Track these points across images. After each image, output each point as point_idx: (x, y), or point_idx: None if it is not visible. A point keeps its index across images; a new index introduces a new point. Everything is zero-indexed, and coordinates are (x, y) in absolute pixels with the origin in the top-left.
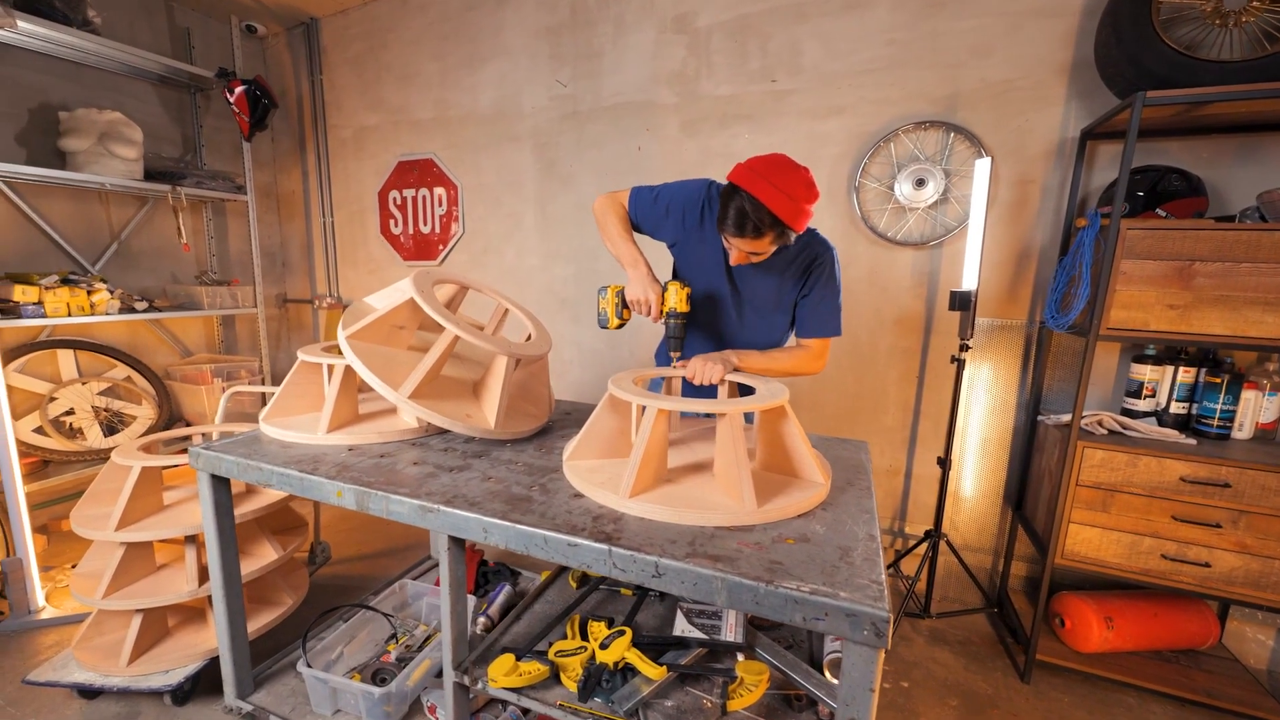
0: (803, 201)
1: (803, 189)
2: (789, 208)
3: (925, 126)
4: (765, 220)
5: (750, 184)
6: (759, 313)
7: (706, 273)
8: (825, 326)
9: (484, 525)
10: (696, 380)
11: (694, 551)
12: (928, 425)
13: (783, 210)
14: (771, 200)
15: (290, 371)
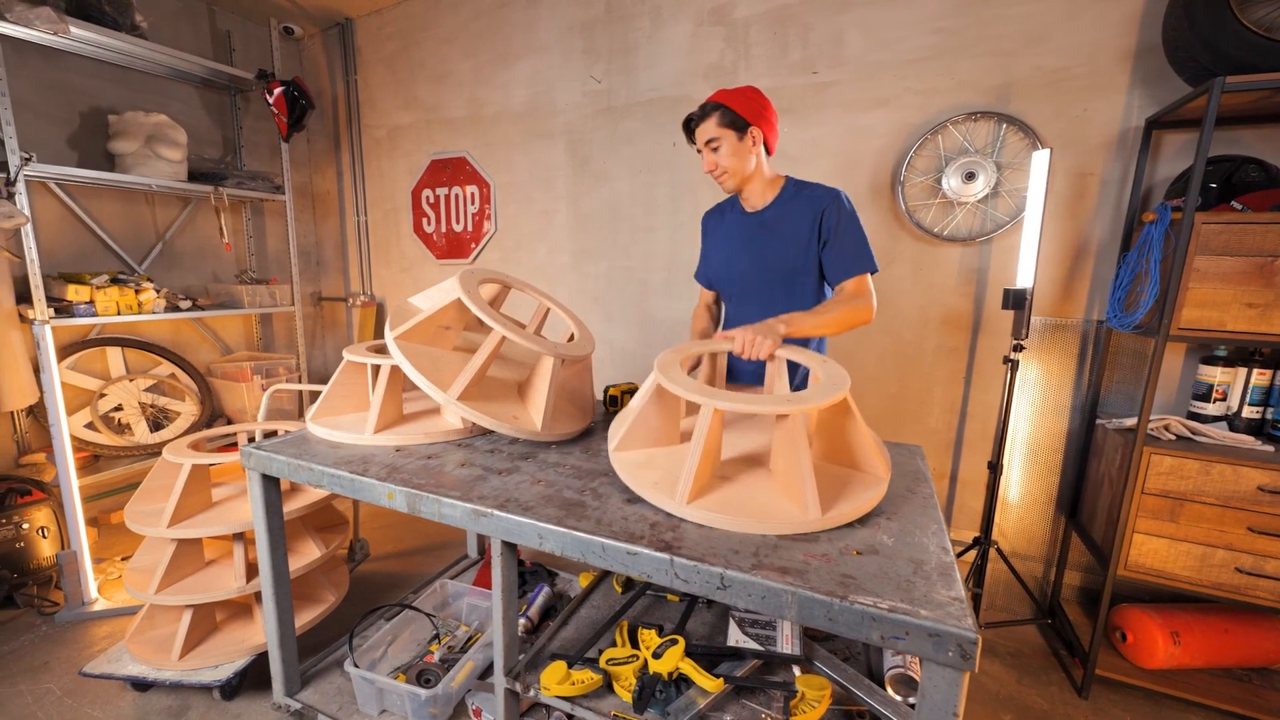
0: (740, 91)
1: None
2: (724, 93)
3: (975, 118)
4: (707, 106)
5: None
6: (786, 283)
7: (729, 253)
8: (858, 263)
9: (539, 531)
10: (746, 355)
11: (759, 563)
12: (974, 428)
13: (719, 96)
14: (716, 94)
15: (336, 371)
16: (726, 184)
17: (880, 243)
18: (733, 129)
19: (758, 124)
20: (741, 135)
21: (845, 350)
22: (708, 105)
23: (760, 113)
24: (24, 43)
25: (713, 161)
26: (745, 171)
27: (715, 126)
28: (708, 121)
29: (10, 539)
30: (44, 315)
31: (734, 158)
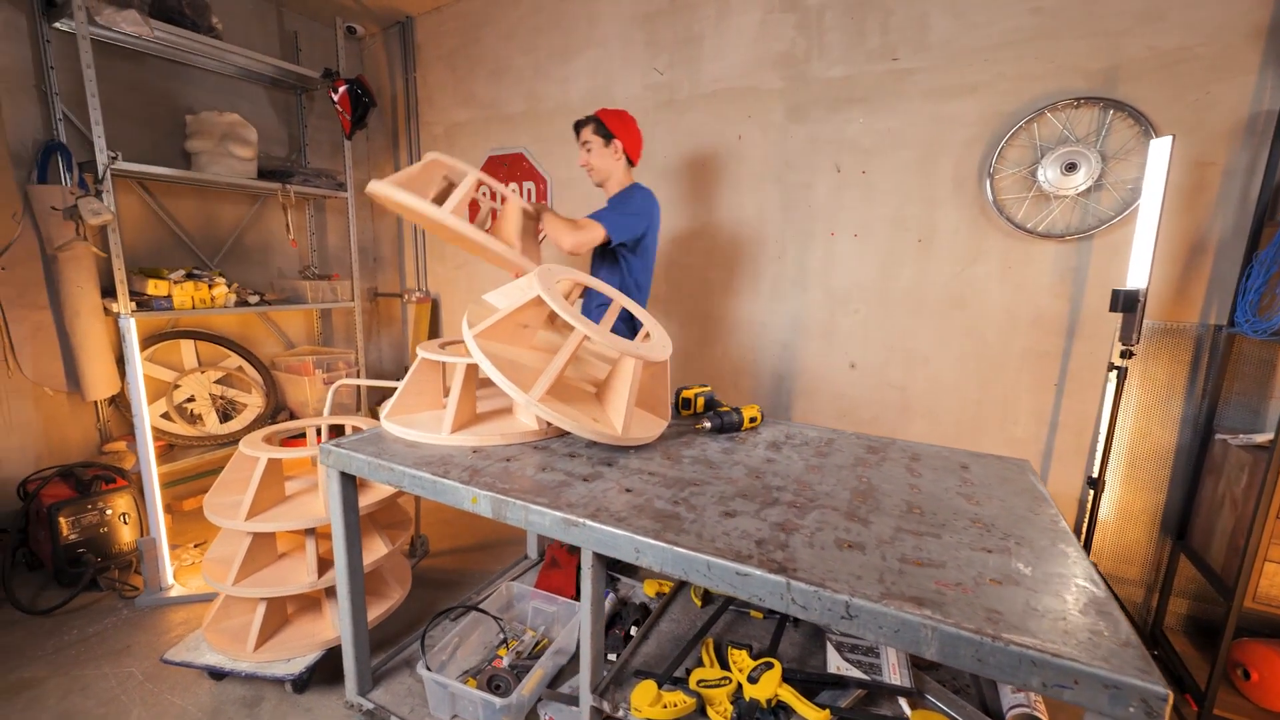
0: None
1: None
2: (603, 111)
3: (1077, 104)
4: (589, 116)
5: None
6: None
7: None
8: (602, 214)
9: (636, 545)
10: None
11: (889, 591)
12: (1066, 438)
13: (599, 113)
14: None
15: (411, 369)
16: (593, 177)
17: (963, 239)
18: (601, 137)
19: (620, 138)
20: (607, 143)
21: (921, 353)
22: (587, 117)
23: (624, 131)
24: (110, 45)
25: (585, 159)
26: (606, 171)
27: (590, 133)
28: (587, 127)
29: (95, 524)
30: (127, 309)
31: (600, 159)
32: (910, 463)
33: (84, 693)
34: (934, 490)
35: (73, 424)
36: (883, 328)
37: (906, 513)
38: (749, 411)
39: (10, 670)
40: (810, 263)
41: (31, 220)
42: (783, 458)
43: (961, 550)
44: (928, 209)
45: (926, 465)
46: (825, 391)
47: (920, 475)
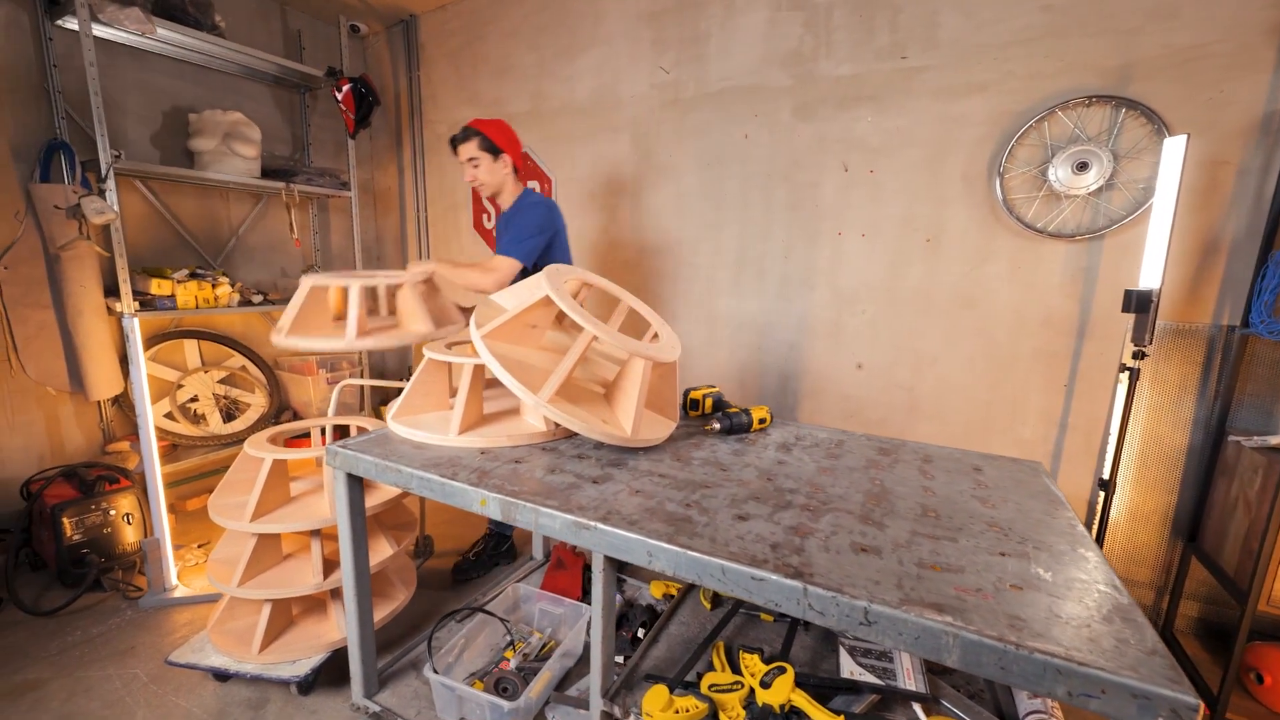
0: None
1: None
2: (481, 122)
3: (1089, 103)
4: (468, 130)
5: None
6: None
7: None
8: (503, 247)
9: (649, 548)
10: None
11: (908, 597)
12: (1076, 440)
13: (476, 124)
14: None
15: (417, 369)
16: (483, 191)
17: (972, 239)
18: (488, 152)
19: (507, 151)
20: (496, 157)
21: (929, 354)
22: (468, 130)
23: (509, 143)
24: (113, 44)
25: (472, 175)
26: (498, 185)
27: (475, 149)
28: (469, 143)
29: (99, 524)
30: (130, 308)
31: (489, 174)
32: (923, 465)
33: (88, 694)
34: (948, 493)
35: (76, 424)
36: (890, 328)
37: (921, 516)
38: (758, 413)
39: (14, 672)
40: (817, 262)
41: (34, 219)
42: (794, 460)
43: (979, 555)
44: (936, 208)
45: (939, 467)
46: (832, 392)
47: (933, 478)
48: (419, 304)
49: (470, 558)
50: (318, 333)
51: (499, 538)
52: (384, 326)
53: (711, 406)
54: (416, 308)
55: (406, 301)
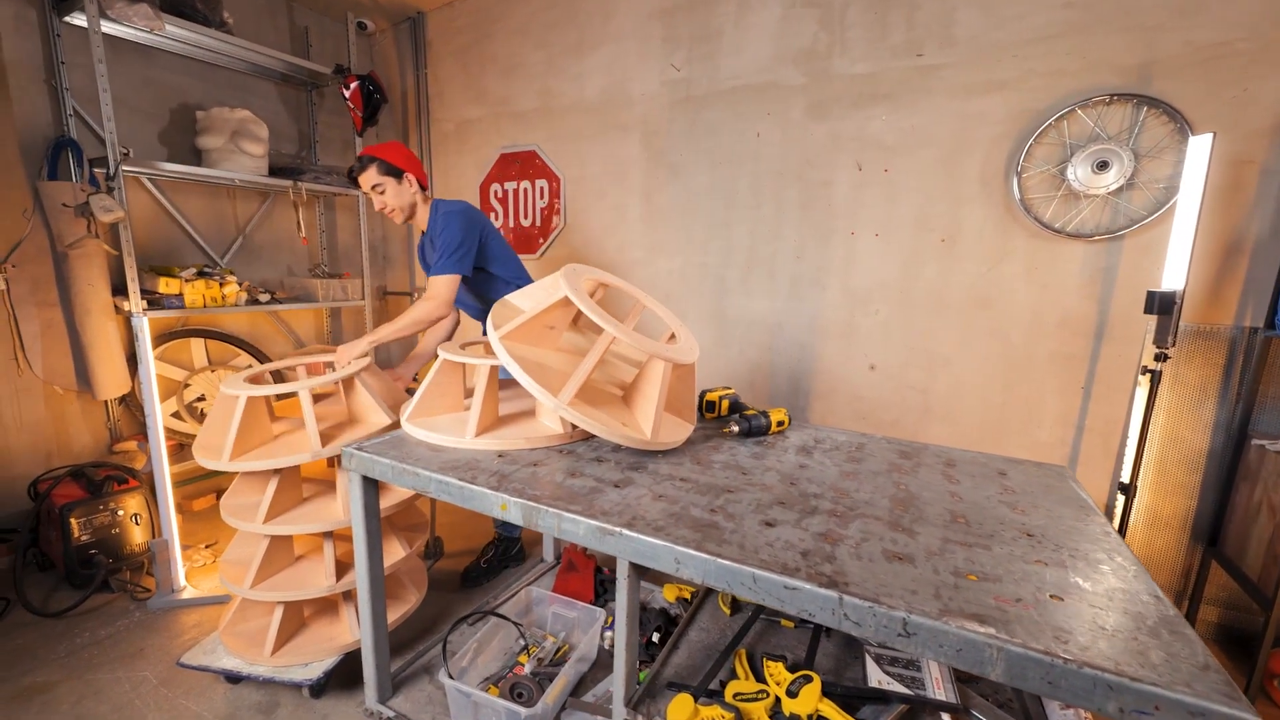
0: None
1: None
2: (375, 148)
3: (1110, 101)
4: (364, 159)
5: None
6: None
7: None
8: (437, 265)
9: (676, 556)
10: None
11: (947, 607)
12: (1093, 442)
13: (372, 150)
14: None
15: (432, 371)
16: (397, 219)
17: (988, 239)
18: (390, 176)
19: (409, 170)
20: (399, 180)
21: (943, 355)
22: (363, 159)
23: (409, 162)
24: (121, 40)
25: (381, 202)
26: (409, 207)
27: (376, 175)
28: (367, 172)
29: (107, 525)
30: (139, 307)
31: (396, 197)
32: (946, 469)
33: (97, 697)
34: (975, 498)
35: (83, 423)
36: (904, 328)
37: (951, 522)
38: (776, 415)
39: (23, 674)
40: (830, 262)
41: (42, 217)
42: (815, 463)
43: (1015, 563)
44: (952, 208)
45: (963, 472)
46: (843, 393)
47: (959, 482)
48: (372, 395)
49: (482, 564)
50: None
51: (508, 541)
52: (338, 426)
53: (728, 408)
54: (370, 400)
55: (360, 397)
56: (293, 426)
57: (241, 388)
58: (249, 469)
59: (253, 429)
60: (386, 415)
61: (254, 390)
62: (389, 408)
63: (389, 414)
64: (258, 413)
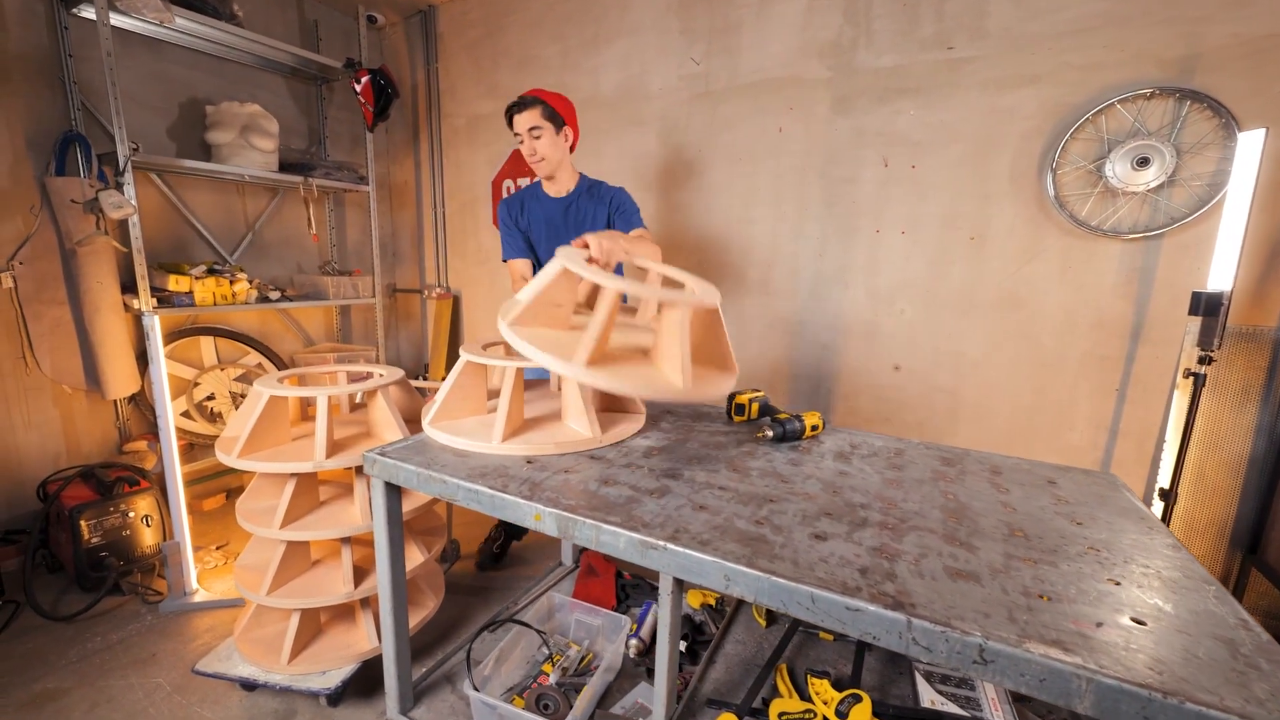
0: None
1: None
2: (544, 92)
3: (1151, 95)
4: (528, 99)
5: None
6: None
7: (545, 240)
8: (637, 222)
9: (726, 572)
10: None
11: (1026, 632)
12: (1127, 446)
13: (539, 93)
14: (534, 91)
15: (454, 372)
16: (542, 169)
17: (1019, 237)
18: (552, 123)
19: (570, 124)
20: (559, 130)
21: (971, 356)
22: (528, 99)
23: (572, 117)
24: (129, 33)
25: (532, 148)
26: (558, 161)
27: (539, 117)
28: (531, 111)
29: (118, 527)
30: (149, 305)
31: (552, 148)
32: (992, 477)
33: (110, 705)
34: (1029, 509)
35: (92, 423)
36: (930, 329)
37: (1010, 536)
38: (810, 419)
39: (34, 679)
40: (853, 261)
41: (50, 213)
42: (855, 470)
43: (1086, 582)
44: (982, 205)
45: (1011, 480)
46: (867, 394)
47: (1008, 491)
48: (393, 411)
49: (495, 551)
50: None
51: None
52: (355, 437)
53: (758, 411)
54: (390, 415)
55: (380, 409)
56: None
57: (270, 386)
58: (250, 468)
59: (270, 430)
60: (399, 430)
61: (277, 390)
62: (405, 423)
63: (403, 428)
64: (278, 414)
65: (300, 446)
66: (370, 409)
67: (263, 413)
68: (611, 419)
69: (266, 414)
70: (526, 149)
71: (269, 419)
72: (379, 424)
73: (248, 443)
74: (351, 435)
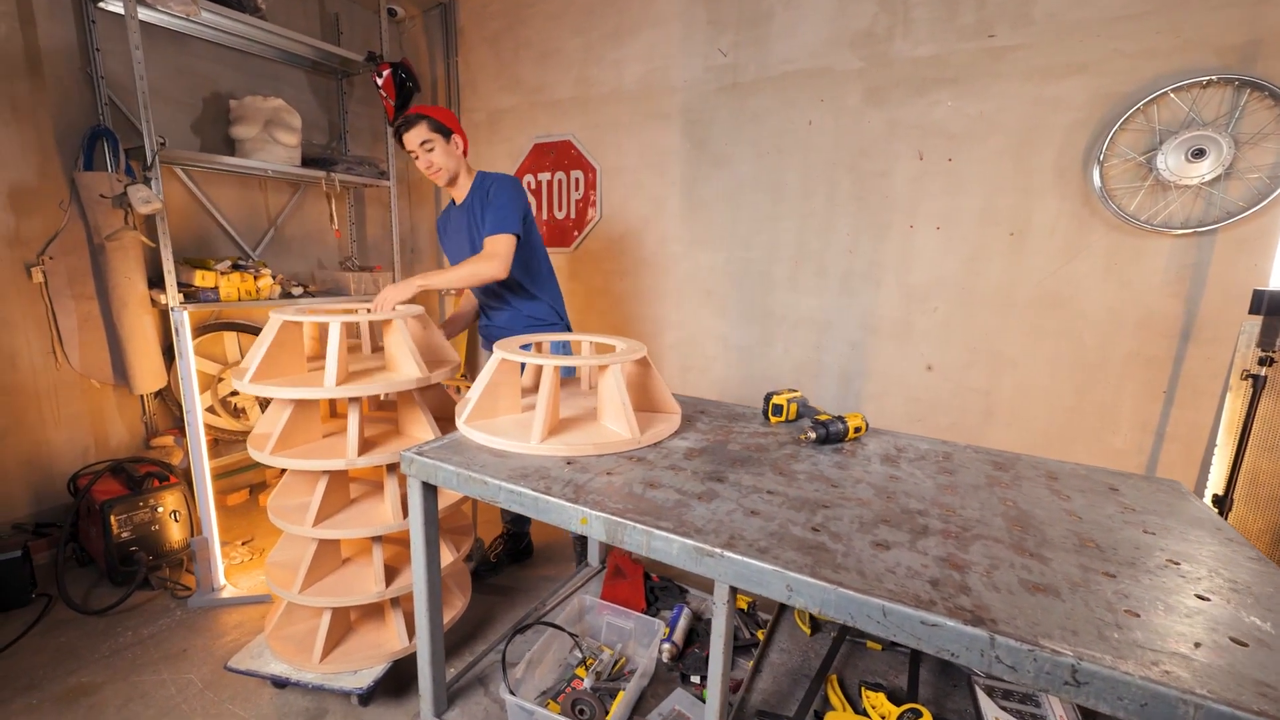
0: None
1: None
2: (423, 108)
3: (1207, 84)
4: (411, 116)
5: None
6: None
7: (459, 243)
8: (493, 225)
9: (788, 582)
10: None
11: (1121, 653)
12: (1175, 450)
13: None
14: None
15: (488, 369)
16: (440, 179)
17: (1062, 233)
18: (440, 134)
19: (457, 132)
20: (448, 139)
21: (1008, 356)
22: (412, 116)
23: (456, 125)
24: (154, 28)
25: (428, 161)
26: (454, 168)
27: (427, 131)
28: (418, 127)
29: (147, 522)
30: (176, 300)
31: (446, 156)
32: (1049, 483)
33: (144, 700)
34: (1096, 518)
35: (119, 417)
36: (965, 328)
37: (1081, 547)
38: (853, 420)
39: (68, 673)
40: (884, 257)
41: (79, 208)
42: (905, 475)
43: (1172, 597)
44: (1022, 199)
45: (1070, 486)
46: (897, 394)
47: (1070, 499)
48: (409, 344)
49: (491, 559)
50: (290, 377)
51: (516, 536)
52: (369, 370)
53: (796, 412)
54: (406, 349)
55: (396, 342)
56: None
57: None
58: (283, 465)
59: (300, 427)
60: (417, 366)
61: (290, 317)
62: (424, 363)
63: (420, 365)
64: (309, 413)
65: (332, 444)
66: (387, 342)
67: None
68: (648, 419)
69: (297, 415)
70: (422, 163)
71: (300, 418)
72: (396, 358)
73: (280, 441)
74: (381, 432)
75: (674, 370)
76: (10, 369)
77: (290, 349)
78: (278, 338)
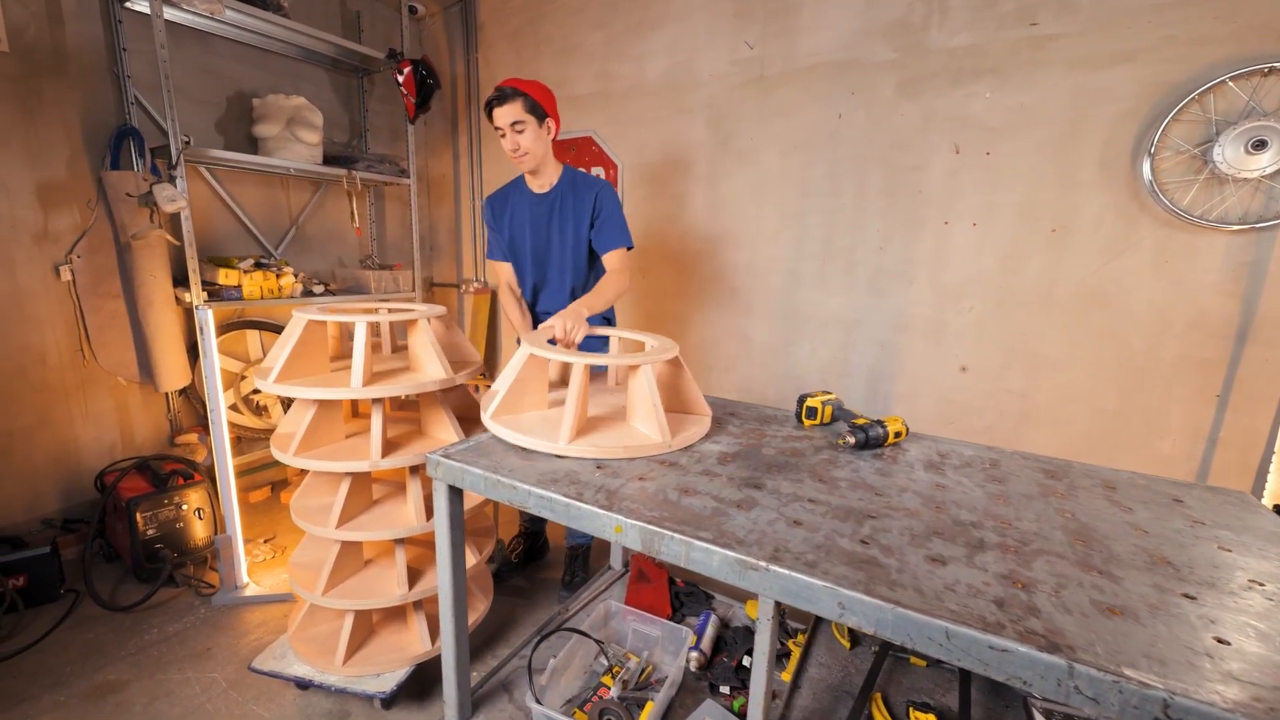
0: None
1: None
2: (522, 82)
3: (1268, 71)
4: (507, 90)
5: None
6: (574, 252)
7: (525, 231)
8: (616, 239)
9: (840, 599)
10: (563, 342)
11: (1219, 688)
12: (1228, 457)
13: (516, 83)
14: (513, 82)
15: (516, 363)
16: (526, 164)
17: (1108, 229)
18: (534, 116)
19: (552, 116)
20: (541, 122)
21: (1048, 357)
22: (509, 90)
23: (553, 107)
24: (178, 27)
25: (515, 142)
26: (541, 155)
27: (521, 110)
28: (513, 104)
29: (172, 519)
30: (200, 299)
31: (535, 141)
32: (1108, 493)
33: (169, 699)
34: (1163, 533)
35: (144, 415)
36: (1001, 328)
37: (1153, 565)
38: (893, 424)
39: (95, 670)
40: (917, 254)
41: (106, 207)
42: (952, 483)
43: (1264, 623)
44: (1065, 194)
45: (1130, 497)
46: (929, 396)
47: (1132, 510)
48: (434, 344)
49: (513, 559)
50: (314, 377)
51: (532, 535)
52: (392, 370)
53: (831, 415)
54: (431, 349)
55: (420, 342)
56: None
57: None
58: (306, 466)
59: (324, 428)
60: (442, 367)
61: (315, 316)
62: (448, 363)
63: (445, 366)
64: (332, 413)
65: (355, 445)
66: (412, 341)
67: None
68: (678, 421)
69: (320, 415)
70: (509, 144)
71: (323, 418)
72: (421, 358)
73: (304, 441)
74: (403, 433)
75: (696, 370)
76: (40, 366)
77: (314, 348)
78: (302, 337)
